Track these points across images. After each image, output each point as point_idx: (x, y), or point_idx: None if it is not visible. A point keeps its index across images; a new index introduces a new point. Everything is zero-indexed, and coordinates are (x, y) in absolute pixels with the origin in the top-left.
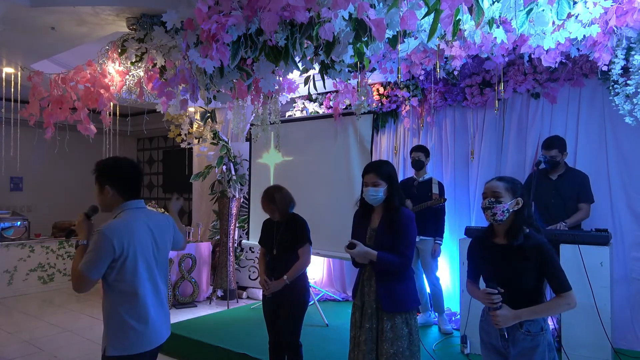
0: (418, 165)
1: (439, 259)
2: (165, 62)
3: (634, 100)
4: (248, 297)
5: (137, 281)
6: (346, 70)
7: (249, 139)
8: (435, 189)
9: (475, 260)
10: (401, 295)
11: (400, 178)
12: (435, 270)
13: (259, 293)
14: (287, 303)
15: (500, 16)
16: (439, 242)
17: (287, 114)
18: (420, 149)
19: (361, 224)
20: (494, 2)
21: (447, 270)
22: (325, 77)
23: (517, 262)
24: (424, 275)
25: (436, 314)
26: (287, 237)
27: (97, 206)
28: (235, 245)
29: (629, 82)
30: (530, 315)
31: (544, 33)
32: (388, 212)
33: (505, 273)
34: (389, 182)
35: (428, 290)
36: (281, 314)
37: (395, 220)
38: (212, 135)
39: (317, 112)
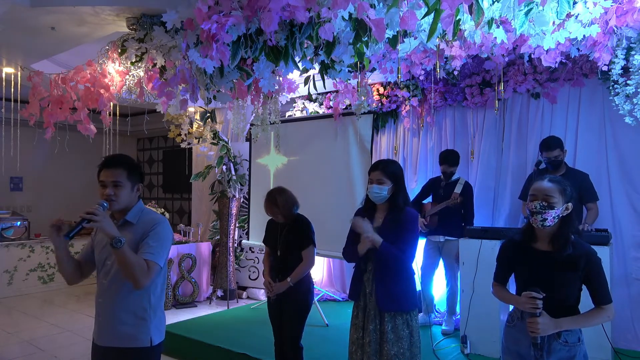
0: (449, 177)
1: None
2: (165, 62)
3: (634, 100)
4: (248, 297)
5: (167, 268)
6: (346, 70)
7: (249, 139)
8: (458, 189)
9: (509, 263)
10: (398, 295)
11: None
12: (457, 270)
13: (259, 293)
14: (291, 305)
15: (500, 16)
16: None
17: (287, 114)
18: (447, 159)
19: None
20: (493, 2)
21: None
22: (325, 77)
23: (564, 271)
24: (433, 277)
25: (440, 313)
26: (291, 239)
27: (106, 203)
28: (235, 245)
29: (629, 82)
30: (570, 325)
31: (544, 33)
32: (392, 212)
33: (549, 281)
34: (394, 182)
35: (433, 292)
36: (284, 315)
37: (399, 219)
38: (212, 135)
39: (317, 112)
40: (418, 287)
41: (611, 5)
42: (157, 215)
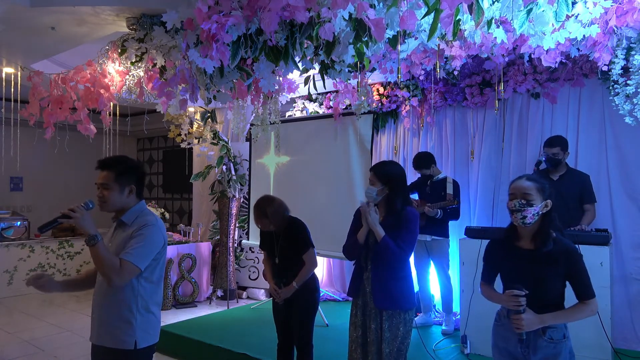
0: (428, 179)
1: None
2: (165, 62)
3: (634, 100)
4: (248, 297)
5: (163, 271)
6: (346, 70)
7: (249, 139)
8: (449, 189)
9: (495, 263)
10: (394, 293)
11: None
12: (446, 269)
13: (259, 293)
14: (298, 305)
15: (500, 16)
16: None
17: (287, 114)
18: (421, 163)
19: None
20: (493, 2)
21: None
22: (325, 77)
23: (545, 267)
24: (428, 276)
25: (439, 313)
26: (288, 246)
27: (93, 202)
28: (235, 245)
29: (629, 82)
30: (554, 320)
31: (543, 33)
32: (389, 213)
33: (532, 279)
34: (385, 183)
35: (432, 291)
36: (293, 316)
37: (397, 220)
38: (212, 135)
39: (317, 112)
40: (415, 287)
41: (611, 5)
42: (151, 219)
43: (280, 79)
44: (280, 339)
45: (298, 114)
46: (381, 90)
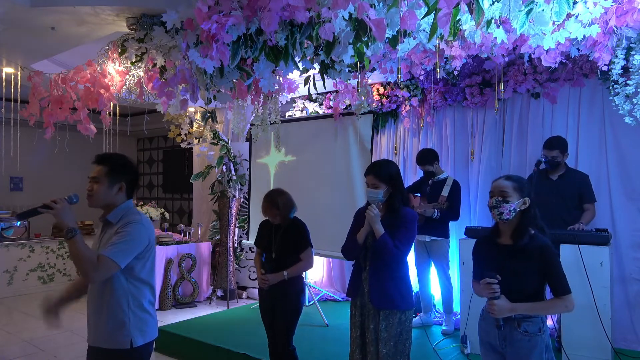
0: (430, 176)
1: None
2: (165, 62)
3: (634, 100)
4: (248, 297)
5: (154, 271)
6: (346, 70)
7: (249, 139)
8: (445, 191)
9: (480, 260)
10: (392, 293)
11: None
12: (447, 269)
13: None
14: (283, 306)
15: (500, 16)
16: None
17: (287, 114)
18: (424, 159)
19: (363, 222)
20: (493, 2)
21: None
22: (325, 77)
23: (521, 262)
24: (429, 276)
25: (440, 313)
26: (287, 241)
27: (77, 196)
28: (235, 245)
29: (629, 82)
30: (526, 310)
31: (544, 33)
32: (390, 212)
33: (509, 273)
34: (389, 183)
35: (432, 291)
36: (276, 316)
37: (396, 220)
38: (212, 135)
39: (317, 112)
40: (416, 288)
41: (611, 5)
42: (137, 217)
43: (280, 79)
44: (269, 339)
45: (298, 114)
46: (381, 90)
